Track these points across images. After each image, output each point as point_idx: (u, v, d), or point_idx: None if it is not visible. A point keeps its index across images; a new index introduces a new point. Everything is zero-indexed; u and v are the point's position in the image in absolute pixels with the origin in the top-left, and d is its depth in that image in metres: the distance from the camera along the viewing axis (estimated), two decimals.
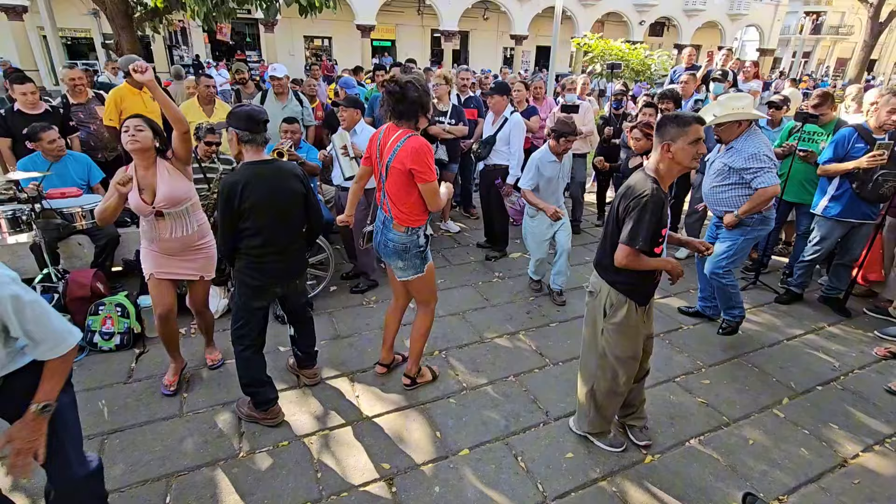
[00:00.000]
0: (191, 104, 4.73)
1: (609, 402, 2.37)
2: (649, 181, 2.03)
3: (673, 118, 2.05)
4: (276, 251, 2.38)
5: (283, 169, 2.38)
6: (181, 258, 2.62)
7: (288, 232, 2.42)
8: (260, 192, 2.25)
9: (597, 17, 24.55)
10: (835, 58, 34.43)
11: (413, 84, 2.30)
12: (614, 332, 2.21)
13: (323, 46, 23.85)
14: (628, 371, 2.27)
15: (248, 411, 2.58)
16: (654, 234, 2.01)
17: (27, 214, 3.25)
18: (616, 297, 2.18)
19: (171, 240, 2.53)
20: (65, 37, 17.99)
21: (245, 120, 2.25)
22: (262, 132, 2.31)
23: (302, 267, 2.66)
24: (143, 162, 2.44)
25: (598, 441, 2.48)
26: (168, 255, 2.59)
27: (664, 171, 2.07)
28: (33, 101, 4.09)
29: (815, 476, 2.36)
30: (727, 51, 6.26)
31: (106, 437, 2.46)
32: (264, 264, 2.37)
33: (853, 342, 3.53)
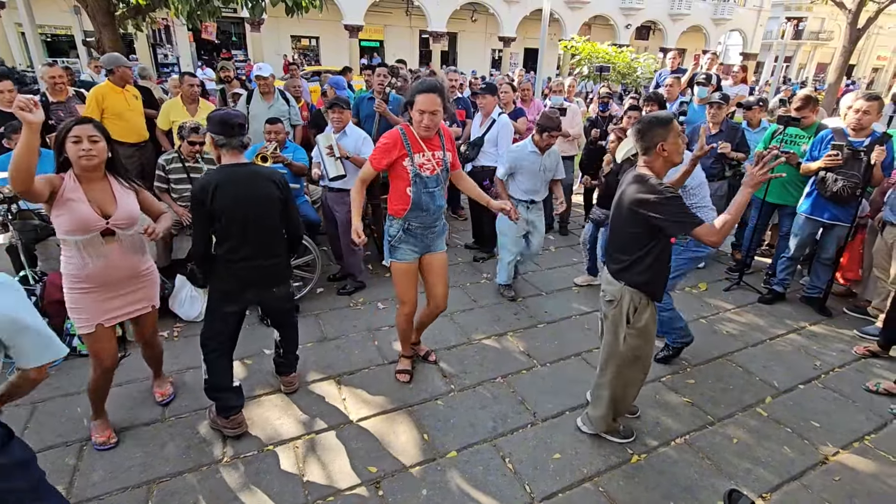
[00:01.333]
0: (174, 103, 4.66)
1: (628, 402, 2.47)
2: (651, 180, 2.09)
3: (655, 121, 2.11)
4: (247, 256, 2.31)
5: (258, 173, 2.33)
6: (127, 291, 2.25)
7: (261, 237, 2.34)
8: (230, 195, 2.21)
9: (584, 19, 24.79)
10: (815, 62, 35.20)
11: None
12: (637, 336, 2.26)
13: (310, 46, 23.69)
14: (647, 370, 2.38)
15: (213, 418, 2.53)
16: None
17: (3, 215, 3.16)
18: (639, 300, 2.22)
19: (118, 266, 2.16)
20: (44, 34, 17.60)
21: (219, 124, 2.22)
22: (238, 135, 2.25)
23: (281, 275, 2.51)
24: (93, 174, 2.09)
25: (613, 437, 2.53)
26: (111, 293, 2.19)
27: (658, 169, 2.15)
28: (10, 98, 3.99)
29: (798, 473, 2.39)
30: (712, 55, 6.34)
31: (84, 443, 2.40)
32: (235, 269, 2.31)
33: (834, 341, 3.60)
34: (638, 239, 2.16)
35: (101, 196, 2.11)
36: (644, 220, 2.08)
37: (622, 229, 2.22)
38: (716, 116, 4.25)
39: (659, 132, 2.09)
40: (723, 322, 3.81)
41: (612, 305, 2.29)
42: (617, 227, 2.27)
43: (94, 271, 2.11)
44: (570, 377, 3.06)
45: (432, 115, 2.36)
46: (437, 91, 2.35)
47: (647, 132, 2.11)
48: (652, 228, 2.09)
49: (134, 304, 2.31)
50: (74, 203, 2.03)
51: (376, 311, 3.77)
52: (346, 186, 3.71)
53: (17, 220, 3.15)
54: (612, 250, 2.31)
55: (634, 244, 2.17)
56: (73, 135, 1.99)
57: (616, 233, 2.28)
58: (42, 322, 1.36)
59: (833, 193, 3.57)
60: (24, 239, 3.18)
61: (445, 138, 2.58)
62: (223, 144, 2.26)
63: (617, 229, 2.27)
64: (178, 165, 3.73)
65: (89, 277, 2.12)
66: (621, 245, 2.24)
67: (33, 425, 2.51)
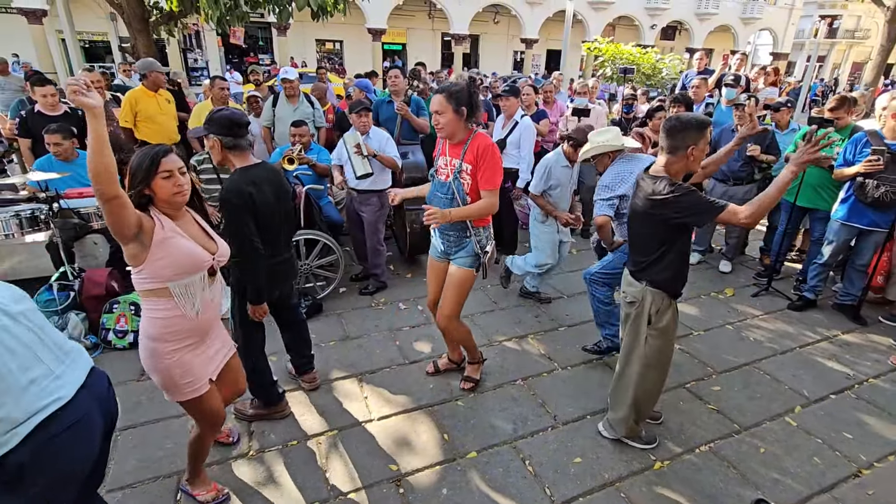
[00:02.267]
0: (205, 106, 4.80)
1: (650, 405, 2.46)
2: (664, 181, 2.06)
3: (694, 122, 2.06)
4: (279, 252, 2.40)
5: (274, 169, 2.42)
6: (212, 341, 1.93)
7: (286, 232, 2.46)
8: (271, 193, 2.27)
9: (608, 20, 24.49)
10: (850, 62, 33.95)
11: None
12: (658, 336, 2.25)
13: (334, 49, 24.04)
14: (668, 371, 2.36)
15: (254, 412, 2.60)
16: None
17: (45, 213, 3.32)
18: (661, 300, 2.21)
19: (216, 306, 1.90)
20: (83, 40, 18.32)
21: (227, 126, 2.16)
22: (246, 136, 2.24)
23: (295, 267, 2.64)
24: (179, 210, 1.82)
25: (634, 442, 2.50)
26: (206, 340, 1.89)
27: (676, 172, 2.12)
28: (53, 102, 4.18)
29: (829, 486, 2.32)
30: (741, 55, 6.20)
31: (119, 433, 2.49)
32: (272, 265, 2.37)
33: (868, 351, 3.48)
34: (656, 238, 2.15)
35: (193, 231, 1.82)
36: (662, 221, 2.07)
37: (640, 231, 2.23)
38: (743, 118, 4.15)
39: (693, 134, 2.04)
40: (750, 329, 3.72)
41: (633, 306, 2.28)
42: (635, 229, 2.28)
43: (199, 319, 1.80)
44: (591, 381, 3.03)
45: (437, 115, 2.37)
46: (442, 92, 2.34)
47: (680, 132, 2.06)
48: (671, 227, 2.08)
49: (222, 350, 2.00)
50: (177, 240, 1.71)
51: (398, 311, 3.81)
52: (373, 187, 3.77)
53: (57, 218, 3.30)
54: (632, 252, 2.32)
55: (653, 244, 2.17)
56: (164, 169, 1.68)
57: (634, 234, 2.29)
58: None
59: (874, 199, 3.44)
60: (63, 237, 3.33)
61: (472, 151, 2.39)
62: (233, 146, 2.19)
63: (635, 231, 2.28)
64: (208, 166, 3.84)
65: (194, 330, 1.80)
66: (640, 246, 2.24)
67: None
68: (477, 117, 2.45)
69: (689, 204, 2.00)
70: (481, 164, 2.39)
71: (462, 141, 2.43)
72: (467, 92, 2.37)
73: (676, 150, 2.08)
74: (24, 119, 4.17)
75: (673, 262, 2.17)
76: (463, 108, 2.35)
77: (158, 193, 1.70)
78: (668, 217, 2.04)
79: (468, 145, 2.41)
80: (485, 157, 2.38)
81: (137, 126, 4.66)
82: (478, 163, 2.39)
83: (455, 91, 2.34)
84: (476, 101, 2.41)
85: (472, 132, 2.43)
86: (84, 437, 1.38)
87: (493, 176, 2.40)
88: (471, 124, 2.43)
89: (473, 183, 2.44)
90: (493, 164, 2.39)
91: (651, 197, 2.06)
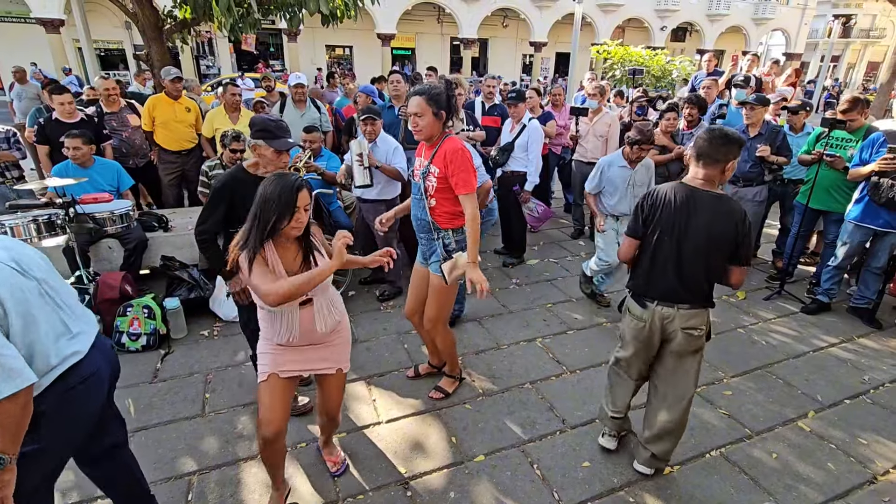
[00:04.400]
0: (218, 112, 4.90)
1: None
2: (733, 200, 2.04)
3: (737, 139, 2.00)
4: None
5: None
6: (316, 345, 1.97)
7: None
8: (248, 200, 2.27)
9: (617, 23, 24.39)
10: (865, 62, 33.42)
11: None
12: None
13: (344, 55, 24.26)
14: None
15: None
16: None
17: (62, 219, 3.39)
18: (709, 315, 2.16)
19: (311, 331, 1.90)
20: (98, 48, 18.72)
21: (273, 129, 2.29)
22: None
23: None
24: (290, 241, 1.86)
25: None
26: (294, 352, 1.95)
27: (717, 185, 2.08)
28: (70, 110, 4.28)
29: (843, 492, 2.28)
30: (753, 56, 6.14)
31: (132, 434, 2.53)
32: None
33: (884, 355, 3.41)
34: (723, 260, 2.03)
35: (288, 259, 1.83)
36: (732, 240, 1.98)
37: (707, 254, 2.00)
38: (751, 118, 4.11)
39: (735, 150, 1.99)
40: (762, 332, 3.67)
41: (697, 336, 2.11)
42: (697, 253, 2.01)
43: (283, 340, 1.89)
44: (600, 385, 3.01)
45: (415, 118, 2.33)
46: (422, 94, 2.29)
47: (724, 145, 1.97)
48: (733, 244, 2.00)
49: (316, 363, 1.99)
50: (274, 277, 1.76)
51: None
52: (382, 196, 3.78)
53: (73, 223, 3.37)
54: (695, 279, 2.04)
55: (720, 266, 2.04)
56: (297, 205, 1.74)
57: (697, 259, 2.02)
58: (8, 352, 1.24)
59: (889, 199, 3.39)
60: (79, 241, 3.40)
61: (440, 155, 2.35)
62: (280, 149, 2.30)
63: (697, 255, 2.01)
64: (220, 172, 3.90)
65: (276, 341, 1.92)
66: (705, 270, 2.03)
67: None
68: (453, 120, 2.42)
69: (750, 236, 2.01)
70: (452, 169, 2.32)
71: (434, 143, 2.40)
72: (446, 95, 2.33)
73: (716, 162, 1.99)
74: (41, 126, 4.27)
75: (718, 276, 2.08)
76: (442, 112, 2.31)
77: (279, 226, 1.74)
78: (747, 234, 1.98)
79: (438, 148, 2.37)
80: (454, 161, 2.32)
81: (155, 130, 4.83)
82: (448, 168, 2.33)
83: (435, 94, 2.30)
84: (454, 104, 2.36)
85: (444, 135, 2.39)
86: (95, 390, 1.54)
87: (467, 179, 2.33)
88: (446, 127, 2.40)
89: (440, 185, 2.38)
90: (465, 167, 2.33)
91: (740, 219, 1.96)
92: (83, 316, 1.59)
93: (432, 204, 2.44)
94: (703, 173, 2.03)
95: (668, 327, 2.11)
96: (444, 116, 2.33)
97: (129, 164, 4.52)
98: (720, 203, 2.00)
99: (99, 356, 1.56)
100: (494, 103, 5.20)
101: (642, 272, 2.16)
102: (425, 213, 2.47)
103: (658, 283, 2.10)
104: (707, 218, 1.98)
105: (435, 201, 2.43)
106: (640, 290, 2.18)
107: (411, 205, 2.60)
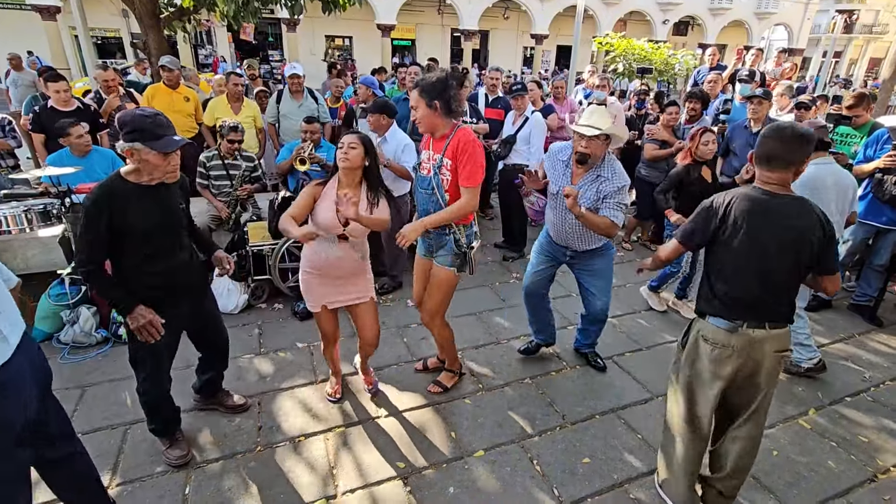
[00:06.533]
0: (220, 101, 4.85)
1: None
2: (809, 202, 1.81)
3: (810, 138, 1.80)
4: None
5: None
6: (343, 283, 2.48)
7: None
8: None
9: (619, 15, 24.19)
10: (868, 58, 33.26)
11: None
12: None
13: (344, 45, 24.04)
14: None
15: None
16: None
17: (57, 208, 3.35)
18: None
19: (340, 266, 2.41)
20: (95, 36, 18.50)
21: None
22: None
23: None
24: (348, 179, 2.33)
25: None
26: (328, 283, 2.45)
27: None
28: (66, 98, 4.22)
29: (844, 490, 2.28)
30: (757, 50, 6.08)
31: (129, 427, 2.51)
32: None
33: (885, 352, 3.41)
34: (805, 268, 1.83)
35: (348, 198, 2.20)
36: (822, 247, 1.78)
37: (790, 265, 1.80)
38: (757, 112, 4.07)
39: (809, 149, 1.78)
40: None
41: (785, 358, 1.91)
42: (793, 264, 1.80)
43: (319, 261, 2.38)
44: (600, 381, 3.00)
45: (413, 111, 2.33)
46: (416, 87, 2.29)
47: (800, 146, 1.75)
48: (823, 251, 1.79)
49: (348, 295, 2.50)
50: (326, 204, 2.29)
51: (405, 308, 3.80)
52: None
53: (70, 212, 3.33)
54: (782, 293, 1.84)
55: (796, 279, 1.85)
56: (340, 141, 2.27)
57: (781, 271, 1.80)
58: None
59: (892, 196, 3.37)
60: (75, 231, 3.36)
61: (452, 146, 2.32)
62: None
63: (792, 267, 1.81)
64: (217, 163, 3.86)
65: (314, 265, 2.41)
66: (790, 283, 1.84)
67: (82, 408, 2.64)
68: (457, 111, 2.34)
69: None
70: (461, 160, 2.29)
71: (445, 135, 2.36)
72: (441, 85, 2.26)
73: (790, 165, 1.77)
74: (37, 114, 4.21)
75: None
76: (436, 103, 2.26)
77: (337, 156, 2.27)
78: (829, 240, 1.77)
79: (450, 140, 2.33)
80: (465, 152, 2.29)
81: None
82: (457, 158, 2.31)
83: (426, 85, 2.27)
84: (451, 95, 2.28)
85: (455, 126, 2.35)
86: (13, 396, 1.46)
87: (474, 172, 2.30)
88: (453, 118, 2.34)
89: (453, 178, 2.34)
90: (474, 161, 2.29)
91: (822, 222, 1.76)
92: (10, 316, 1.51)
93: (447, 199, 2.38)
94: (777, 177, 1.79)
95: (757, 353, 1.84)
96: (440, 107, 2.27)
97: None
98: (801, 207, 1.78)
99: (22, 360, 1.49)
100: (498, 96, 5.15)
101: (721, 290, 1.86)
102: (439, 207, 2.40)
103: (745, 300, 1.83)
104: (795, 220, 1.77)
105: (450, 196, 2.38)
106: (721, 313, 1.86)
107: (419, 199, 2.55)
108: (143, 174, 1.97)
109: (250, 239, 3.68)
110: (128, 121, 1.88)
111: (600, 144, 2.53)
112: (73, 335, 3.13)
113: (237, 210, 3.98)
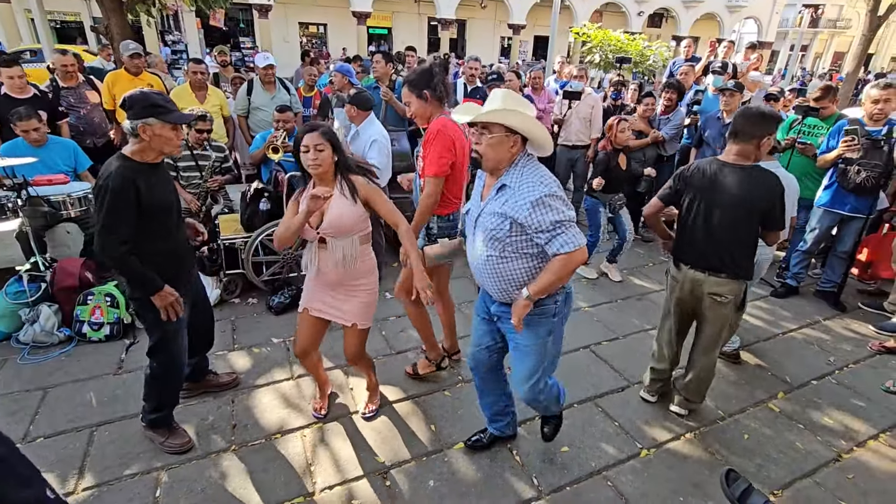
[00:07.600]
0: (183, 89, 4.65)
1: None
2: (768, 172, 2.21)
3: (774, 116, 2.21)
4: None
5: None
6: (334, 295, 2.25)
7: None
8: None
9: (595, 7, 24.31)
10: (832, 51, 34.36)
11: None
12: (739, 315, 2.52)
13: (318, 33, 23.50)
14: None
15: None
16: None
17: (13, 202, 3.17)
18: (744, 286, 2.37)
19: (326, 272, 2.19)
20: (53, 20, 17.60)
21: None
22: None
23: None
24: (324, 180, 2.11)
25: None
26: (322, 289, 2.26)
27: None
28: (21, 84, 3.98)
29: (811, 470, 2.36)
30: (729, 43, 6.19)
31: (95, 428, 2.42)
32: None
33: (848, 336, 3.54)
34: (754, 231, 2.25)
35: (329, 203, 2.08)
36: (761, 210, 2.18)
37: (734, 224, 2.22)
38: (729, 104, 4.15)
39: (772, 126, 2.16)
40: None
41: (726, 303, 2.33)
42: (725, 222, 2.23)
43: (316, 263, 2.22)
44: (578, 370, 3.03)
45: (407, 106, 2.38)
46: (404, 84, 2.36)
47: (761, 122, 2.15)
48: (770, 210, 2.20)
49: (335, 310, 2.27)
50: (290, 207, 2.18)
51: (384, 300, 3.75)
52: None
53: (26, 206, 3.16)
54: (726, 249, 2.26)
55: (752, 236, 2.26)
56: (303, 144, 2.01)
57: (725, 228, 2.23)
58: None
59: (856, 185, 3.48)
60: (33, 225, 3.19)
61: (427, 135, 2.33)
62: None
63: (725, 225, 2.23)
64: (186, 153, 3.71)
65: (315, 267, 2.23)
66: (738, 241, 2.26)
67: (44, 411, 2.53)
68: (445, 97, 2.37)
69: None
70: (428, 149, 2.26)
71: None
72: (427, 75, 2.29)
73: (751, 138, 2.17)
74: None
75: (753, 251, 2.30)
76: (425, 93, 2.29)
77: (302, 163, 2.06)
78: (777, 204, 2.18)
79: (428, 129, 2.35)
80: (429, 139, 2.26)
81: (117, 108, 4.53)
82: (426, 146, 2.29)
83: (412, 79, 2.32)
84: (437, 81, 2.31)
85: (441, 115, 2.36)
86: None
87: (434, 160, 2.27)
88: (444, 105, 2.36)
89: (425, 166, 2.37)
90: (436, 147, 2.26)
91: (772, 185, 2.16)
92: None
93: (422, 185, 2.40)
94: (737, 149, 2.20)
95: (697, 290, 2.37)
96: (429, 96, 2.31)
97: (86, 144, 4.26)
98: (750, 174, 2.17)
99: None
100: (477, 86, 5.11)
101: (679, 239, 2.42)
102: (418, 194, 2.44)
103: (691, 249, 2.35)
104: (736, 189, 2.16)
105: (424, 183, 2.40)
106: (677, 255, 2.44)
107: (416, 195, 2.55)
108: (150, 152, 1.97)
109: (222, 232, 3.57)
110: (139, 98, 1.91)
111: (499, 141, 1.72)
112: (34, 334, 2.98)
113: (207, 202, 3.85)
